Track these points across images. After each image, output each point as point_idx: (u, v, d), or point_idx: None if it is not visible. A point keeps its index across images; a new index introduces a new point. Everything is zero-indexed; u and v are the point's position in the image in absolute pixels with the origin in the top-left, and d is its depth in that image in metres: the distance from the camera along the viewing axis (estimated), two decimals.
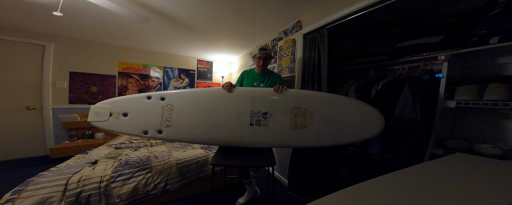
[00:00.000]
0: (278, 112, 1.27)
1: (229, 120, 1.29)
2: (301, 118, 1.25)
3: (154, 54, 3.51)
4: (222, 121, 1.29)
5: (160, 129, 1.30)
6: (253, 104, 1.28)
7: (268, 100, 1.29)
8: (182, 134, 1.32)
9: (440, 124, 1.11)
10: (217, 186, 1.94)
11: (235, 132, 1.28)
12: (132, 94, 1.38)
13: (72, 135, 2.75)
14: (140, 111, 1.32)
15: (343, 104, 1.28)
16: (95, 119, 1.32)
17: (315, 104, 1.27)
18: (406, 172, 0.64)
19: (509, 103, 0.87)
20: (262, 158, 1.27)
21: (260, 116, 1.27)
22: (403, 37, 1.52)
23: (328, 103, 1.29)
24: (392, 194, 0.49)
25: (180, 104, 1.31)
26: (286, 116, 1.26)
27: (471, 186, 0.54)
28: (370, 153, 1.46)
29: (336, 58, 2.05)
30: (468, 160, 0.80)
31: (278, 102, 1.28)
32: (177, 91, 1.35)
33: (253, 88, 1.36)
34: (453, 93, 1.09)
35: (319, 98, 1.31)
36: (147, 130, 1.31)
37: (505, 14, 0.96)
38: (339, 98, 1.33)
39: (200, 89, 1.37)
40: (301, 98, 1.29)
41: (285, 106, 1.27)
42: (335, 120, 1.26)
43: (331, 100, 1.30)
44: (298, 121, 1.25)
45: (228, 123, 1.29)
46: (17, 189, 1.19)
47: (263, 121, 1.27)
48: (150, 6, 1.82)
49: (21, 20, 2.20)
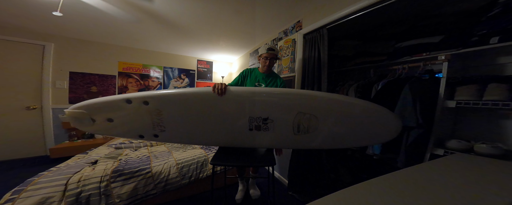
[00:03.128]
0: (280, 118, 1.14)
1: (227, 125, 1.19)
2: (305, 123, 1.14)
3: (154, 54, 3.51)
4: (219, 126, 1.19)
5: (155, 133, 1.21)
6: (252, 107, 1.14)
7: (268, 104, 1.14)
8: (179, 137, 1.27)
9: (440, 124, 1.11)
10: (217, 186, 1.94)
11: (234, 135, 1.23)
12: (107, 97, 1.19)
13: (72, 135, 2.75)
14: (124, 116, 1.18)
15: (353, 106, 1.11)
16: (78, 125, 1.21)
17: (322, 107, 1.13)
18: (406, 172, 0.64)
19: (509, 103, 0.87)
20: (262, 158, 1.27)
21: (260, 122, 1.16)
22: (403, 37, 1.52)
23: (337, 105, 1.12)
24: (392, 194, 0.49)
25: (168, 108, 1.15)
26: (288, 122, 1.14)
27: (471, 186, 0.54)
28: (370, 153, 1.46)
29: (336, 58, 2.05)
30: (468, 160, 0.80)
31: (281, 106, 1.14)
32: (161, 93, 1.14)
33: (251, 90, 1.19)
34: (453, 93, 1.09)
35: (327, 100, 1.13)
36: (142, 134, 1.24)
37: (505, 14, 0.95)
38: (348, 100, 1.18)
39: (188, 90, 1.18)
40: (306, 100, 1.13)
41: (288, 111, 1.13)
42: (343, 124, 1.14)
43: (339, 103, 1.13)
44: (301, 126, 1.14)
45: (226, 127, 1.20)
46: (17, 189, 1.20)
47: (263, 126, 1.16)
48: (150, 7, 1.82)
49: (21, 20, 2.20)
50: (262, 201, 1.75)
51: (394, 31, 1.68)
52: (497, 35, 0.95)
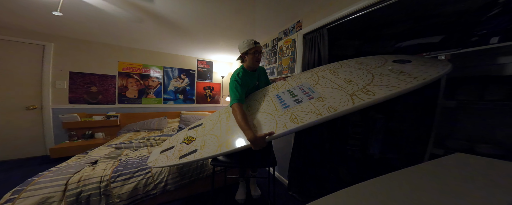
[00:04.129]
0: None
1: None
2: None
3: (154, 54, 3.50)
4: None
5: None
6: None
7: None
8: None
9: (440, 124, 1.11)
10: (217, 186, 1.94)
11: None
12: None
13: (72, 135, 2.75)
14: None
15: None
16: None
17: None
18: (406, 172, 0.64)
19: (509, 103, 0.87)
20: (262, 158, 1.27)
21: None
22: (403, 37, 1.52)
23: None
24: (392, 194, 0.49)
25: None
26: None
27: (471, 186, 0.54)
28: (370, 153, 1.46)
29: (336, 58, 2.05)
30: (468, 160, 0.80)
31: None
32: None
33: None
34: (453, 93, 1.09)
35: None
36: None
37: (505, 14, 0.96)
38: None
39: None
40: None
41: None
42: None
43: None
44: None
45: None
46: (17, 189, 1.19)
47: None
48: (150, 6, 1.82)
49: (21, 20, 2.20)
50: (262, 201, 1.75)
51: (394, 31, 1.68)
52: (497, 35, 0.95)
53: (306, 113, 0.98)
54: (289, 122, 0.99)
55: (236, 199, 1.72)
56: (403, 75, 0.89)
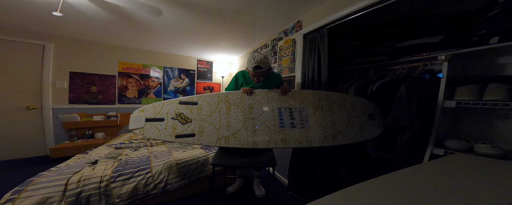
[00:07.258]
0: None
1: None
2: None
3: (154, 54, 3.51)
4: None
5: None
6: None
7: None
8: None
9: (440, 124, 1.11)
10: (217, 186, 1.94)
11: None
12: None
13: (72, 135, 2.75)
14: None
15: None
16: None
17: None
18: (405, 172, 0.64)
19: (509, 103, 0.87)
20: (262, 158, 1.27)
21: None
22: (403, 37, 1.52)
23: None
24: (392, 194, 0.49)
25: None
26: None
27: (471, 186, 0.54)
28: (367, 152, 1.47)
29: (336, 58, 2.05)
30: (468, 160, 0.80)
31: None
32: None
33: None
34: (453, 93, 1.09)
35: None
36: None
37: (505, 14, 0.95)
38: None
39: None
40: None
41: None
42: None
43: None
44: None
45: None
46: (17, 189, 1.20)
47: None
48: (150, 7, 1.81)
49: (21, 20, 2.20)
50: (262, 201, 1.75)
51: (394, 31, 1.68)
52: (497, 35, 0.95)
53: (293, 139, 1.28)
54: (280, 142, 1.28)
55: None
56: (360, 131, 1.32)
